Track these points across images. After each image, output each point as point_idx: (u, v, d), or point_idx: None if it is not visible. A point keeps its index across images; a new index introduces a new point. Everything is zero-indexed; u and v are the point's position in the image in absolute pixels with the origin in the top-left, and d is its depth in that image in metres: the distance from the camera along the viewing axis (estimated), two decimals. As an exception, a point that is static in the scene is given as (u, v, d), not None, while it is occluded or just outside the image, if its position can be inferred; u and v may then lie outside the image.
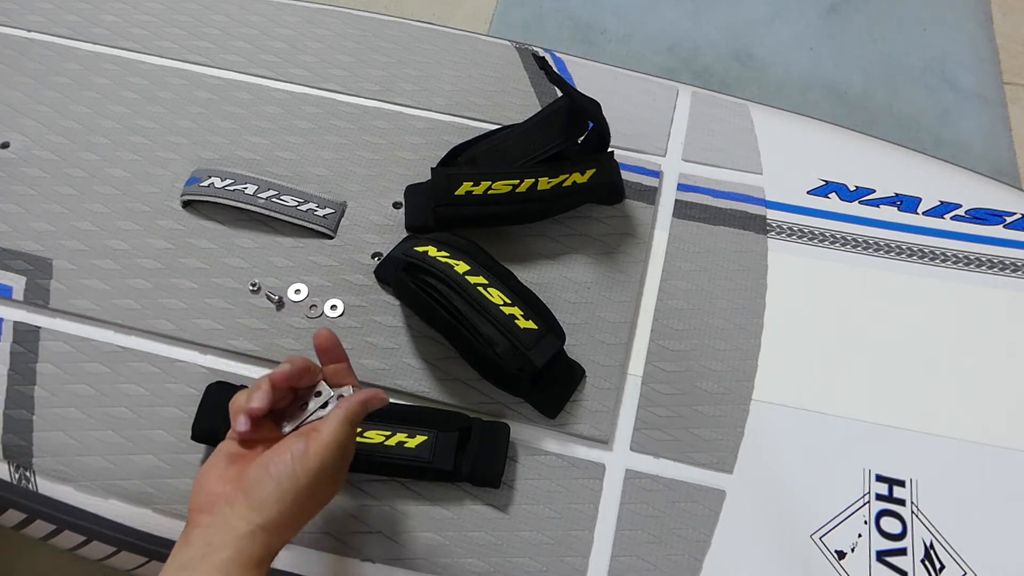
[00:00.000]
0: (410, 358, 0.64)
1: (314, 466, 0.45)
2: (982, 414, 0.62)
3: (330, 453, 0.46)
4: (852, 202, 0.71)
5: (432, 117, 0.75)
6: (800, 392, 0.63)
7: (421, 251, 0.60)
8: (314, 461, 0.45)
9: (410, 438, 0.57)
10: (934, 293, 0.67)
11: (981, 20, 1.40)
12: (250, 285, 0.66)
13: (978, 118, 1.31)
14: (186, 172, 0.71)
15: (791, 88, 1.35)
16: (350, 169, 0.72)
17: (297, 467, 0.45)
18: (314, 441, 0.46)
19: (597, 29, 1.42)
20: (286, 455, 0.45)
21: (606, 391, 0.62)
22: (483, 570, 0.57)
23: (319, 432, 0.46)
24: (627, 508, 0.59)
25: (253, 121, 0.75)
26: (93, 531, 0.59)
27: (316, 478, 0.45)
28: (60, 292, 0.66)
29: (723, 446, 0.61)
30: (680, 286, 0.67)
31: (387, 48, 0.80)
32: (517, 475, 0.59)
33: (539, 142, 0.65)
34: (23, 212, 0.69)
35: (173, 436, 0.60)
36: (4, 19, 0.81)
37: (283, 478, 0.44)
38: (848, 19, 1.42)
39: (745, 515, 0.59)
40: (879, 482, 0.60)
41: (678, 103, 0.77)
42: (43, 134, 0.74)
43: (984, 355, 0.65)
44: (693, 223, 0.70)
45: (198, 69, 0.78)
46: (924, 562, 0.57)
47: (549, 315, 0.61)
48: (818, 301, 0.67)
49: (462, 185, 0.63)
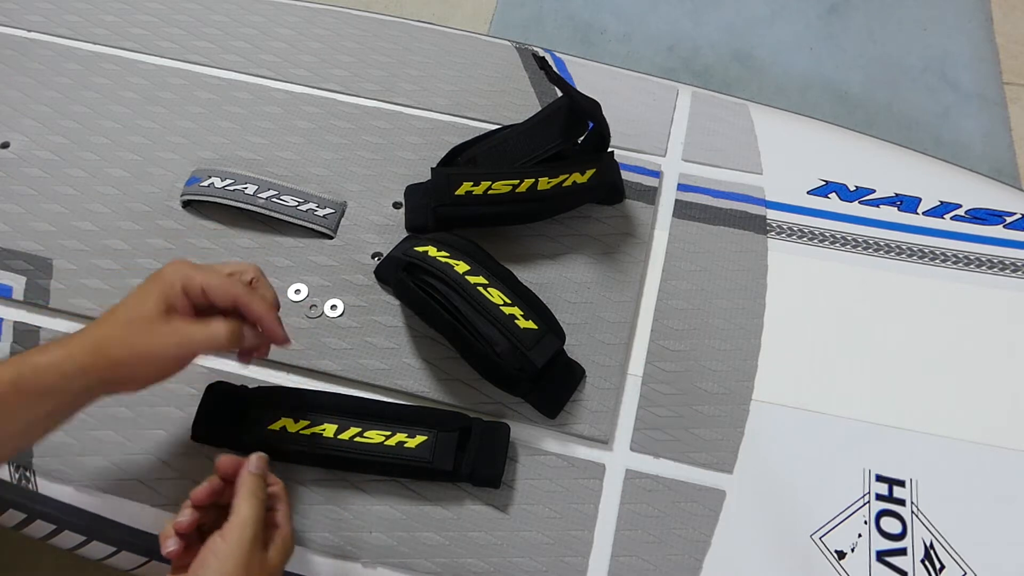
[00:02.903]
0: (410, 358, 0.64)
1: (237, 552, 0.46)
2: (982, 414, 0.62)
3: (242, 531, 0.46)
4: (852, 202, 0.71)
5: (432, 117, 0.75)
6: (800, 392, 0.63)
7: (421, 251, 0.60)
8: (235, 547, 0.46)
9: (410, 438, 0.57)
10: (934, 293, 0.67)
11: (981, 20, 1.40)
12: (250, 285, 0.66)
13: (978, 118, 1.31)
14: (186, 172, 0.71)
15: (791, 88, 1.35)
16: (350, 169, 0.72)
17: (222, 564, 0.45)
18: (226, 529, 0.47)
19: (597, 29, 1.42)
20: (208, 556, 0.46)
21: (606, 391, 0.62)
22: (483, 570, 0.57)
23: (229, 520, 0.47)
24: (627, 508, 0.59)
25: (253, 121, 0.75)
26: (93, 531, 0.59)
27: (246, 561, 0.46)
28: (60, 292, 0.66)
29: (723, 446, 0.61)
30: (680, 286, 0.67)
31: (387, 48, 0.80)
32: (517, 475, 0.59)
33: (539, 142, 0.65)
34: (23, 212, 0.69)
35: (173, 436, 0.60)
36: (4, 19, 0.81)
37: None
38: (848, 19, 1.42)
39: (745, 515, 0.59)
40: (879, 482, 0.60)
41: (678, 103, 0.77)
42: (43, 134, 0.74)
43: (984, 355, 0.65)
44: (693, 223, 0.70)
45: (198, 69, 0.78)
46: (924, 562, 0.57)
47: (549, 315, 0.61)
48: (818, 301, 0.67)
49: (462, 185, 0.63)
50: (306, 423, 0.57)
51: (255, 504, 0.48)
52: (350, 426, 0.58)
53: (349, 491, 0.59)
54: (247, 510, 0.47)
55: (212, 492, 0.50)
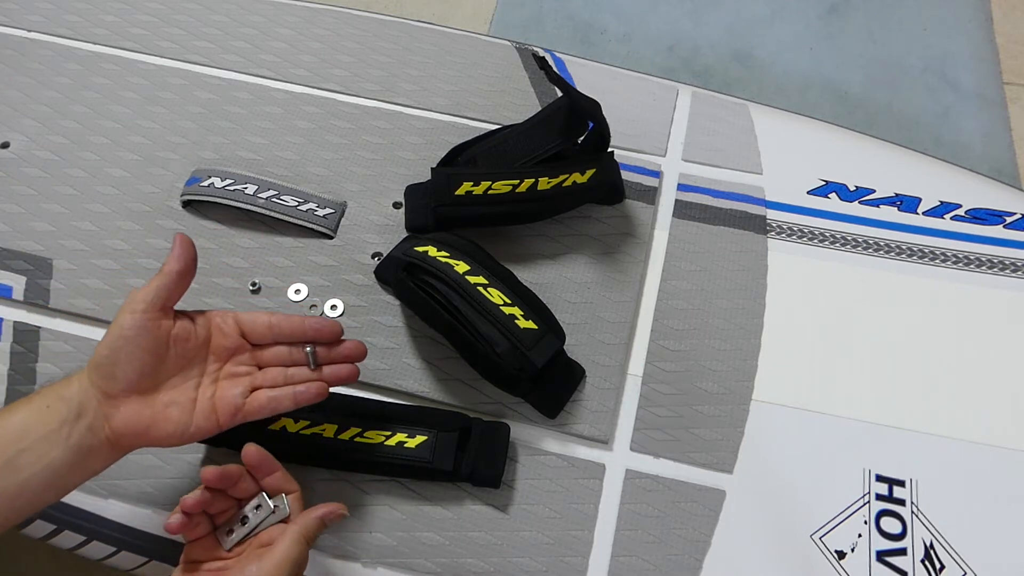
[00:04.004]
0: (410, 358, 0.64)
1: None
2: (982, 414, 0.62)
3: (283, 571, 0.46)
4: (852, 202, 0.71)
5: (432, 117, 0.75)
6: (800, 392, 0.63)
7: (421, 251, 0.60)
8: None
9: (410, 438, 0.57)
10: (934, 293, 0.67)
11: (981, 20, 1.40)
12: (250, 285, 0.66)
13: (978, 118, 1.31)
14: (186, 172, 0.71)
15: (791, 88, 1.35)
16: (350, 169, 0.72)
17: None
18: (267, 561, 0.46)
19: (597, 29, 1.42)
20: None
21: (606, 391, 0.62)
22: (483, 570, 0.57)
23: (272, 551, 0.47)
24: (627, 508, 0.59)
25: (253, 121, 0.75)
26: (93, 531, 0.59)
27: None
28: (60, 292, 0.66)
29: (723, 446, 0.61)
30: (680, 286, 0.67)
31: (387, 48, 0.80)
32: (517, 475, 0.59)
33: (539, 142, 0.65)
34: (23, 212, 0.69)
35: (173, 436, 0.60)
36: (4, 19, 0.81)
37: None
38: (848, 19, 1.42)
39: (745, 515, 0.59)
40: (879, 482, 0.60)
41: (678, 103, 0.77)
42: (43, 134, 0.74)
43: (984, 355, 0.65)
44: (693, 223, 0.70)
45: (198, 69, 0.78)
46: (924, 562, 0.57)
47: (549, 315, 0.61)
48: (818, 301, 0.67)
49: (462, 185, 0.63)
50: (306, 423, 0.57)
51: (304, 549, 0.48)
52: (350, 426, 0.58)
53: (349, 491, 0.59)
54: (295, 551, 0.47)
55: (223, 475, 0.49)
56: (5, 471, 0.43)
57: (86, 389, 0.46)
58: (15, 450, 0.44)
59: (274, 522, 0.51)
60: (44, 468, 0.44)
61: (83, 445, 0.46)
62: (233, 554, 0.50)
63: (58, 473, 0.45)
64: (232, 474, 0.49)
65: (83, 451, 0.46)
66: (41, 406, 0.45)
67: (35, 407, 0.45)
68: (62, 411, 0.45)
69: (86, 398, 0.46)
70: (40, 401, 0.46)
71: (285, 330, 0.52)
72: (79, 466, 0.46)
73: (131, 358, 0.47)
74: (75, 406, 0.46)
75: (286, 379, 0.51)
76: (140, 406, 0.47)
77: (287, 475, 0.52)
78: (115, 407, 0.47)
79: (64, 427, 0.45)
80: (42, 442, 0.44)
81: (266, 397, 0.50)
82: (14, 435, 0.44)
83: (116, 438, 0.47)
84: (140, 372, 0.47)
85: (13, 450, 0.44)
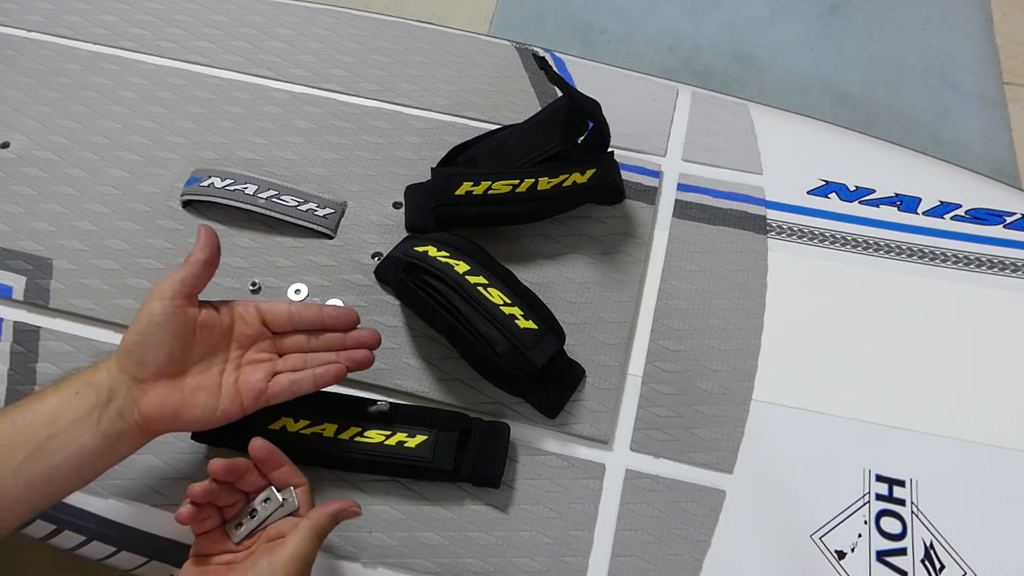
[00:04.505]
0: (410, 358, 0.64)
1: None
2: (982, 414, 0.62)
3: (295, 566, 0.46)
4: (852, 202, 0.71)
5: (432, 117, 0.75)
6: (800, 392, 0.63)
7: (421, 251, 0.60)
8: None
9: (410, 438, 0.57)
10: (934, 293, 0.67)
11: (981, 20, 1.40)
12: (250, 285, 0.66)
13: (978, 118, 1.31)
14: (186, 172, 0.71)
15: (791, 88, 1.35)
16: (350, 169, 0.72)
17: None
18: (279, 555, 0.46)
19: (597, 29, 1.42)
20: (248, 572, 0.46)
21: (606, 391, 0.62)
22: (483, 570, 0.57)
23: (284, 545, 0.47)
24: (627, 508, 0.59)
25: (253, 121, 0.75)
26: (93, 531, 0.59)
27: None
28: (60, 292, 0.66)
29: (723, 446, 0.61)
30: (680, 286, 0.67)
31: (387, 48, 0.80)
32: (517, 475, 0.59)
33: (539, 142, 0.65)
34: (23, 212, 0.69)
35: (173, 436, 0.60)
36: (4, 19, 0.81)
37: None
38: (848, 19, 1.42)
39: (745, 515, 0.59)
40: (879, 482, 0.60)
41: (678, 103, 0.77)
42: (43, 134, 0.74)
43: (984, 355, 0.65)
44: (693, 223, 0.70)
45: (198, 69, 0.78)
46: (924, 562, 0.57)
47: (549, 315, 0.61)
48: (818, 301, 0.67)
49: (462, 185, 0.63)
50: (306, 423, 0.57)
51: (315, 546, 0.48)
52: (350, 426, 0.58)
53: (349, 491, 0.59)
54: (307, 548, 0.47)
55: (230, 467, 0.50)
56: (36, 456, 0.44)
57: (115, 375, 0.48)
58: (45, 435, 0.45)
59: (283, 515, 0.51)
60: (74, 453, 0.45)
61: (112, 430, 0.47)
62: (242, 547, 0.50)
63: (88, 459, 0.46)
64: (239, 467, 0.50)
65: (112, 436, 0.47)
66: (70, 392, 0.46)
67: (64, 394, 0.46)
68: (91, 397, 0.46)
69: (116, 384, 0.47)
70: (69, 388, 0.47)
71: (304, 318, 0.54)
72: (108, 451, 0.47)
73: (160, 343, 0.48)
74: (105, 392, 0.47)
75: (305, 364, 0.53)
76: (169, 390, 0.49)
77: (295, 468, 0.53)
78: (144, 392, 0.48)
79: (94, 412, 0.46)
80: (72, 427, 0.45)
81: (287, 380, 0.52)
82: (44, 421, 0.45)
83: (145, 422, 0.48)
84: (169, 357, 0.48)
85: (44, 435, 0.45)
